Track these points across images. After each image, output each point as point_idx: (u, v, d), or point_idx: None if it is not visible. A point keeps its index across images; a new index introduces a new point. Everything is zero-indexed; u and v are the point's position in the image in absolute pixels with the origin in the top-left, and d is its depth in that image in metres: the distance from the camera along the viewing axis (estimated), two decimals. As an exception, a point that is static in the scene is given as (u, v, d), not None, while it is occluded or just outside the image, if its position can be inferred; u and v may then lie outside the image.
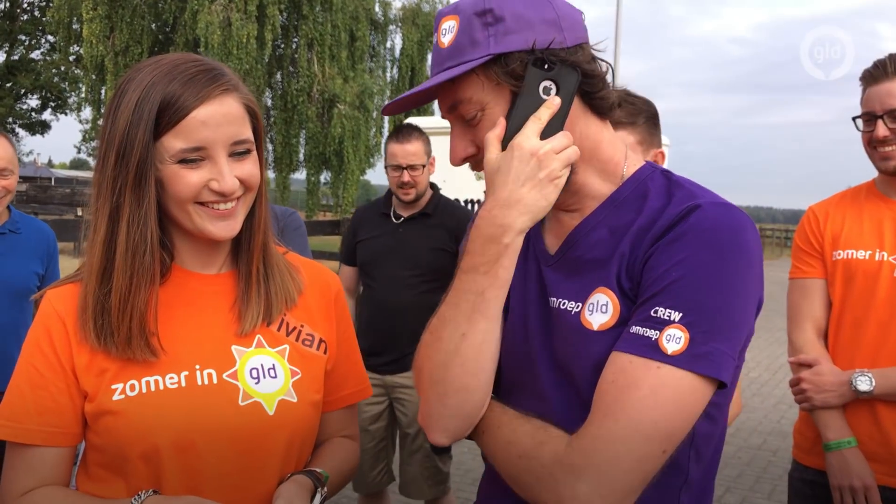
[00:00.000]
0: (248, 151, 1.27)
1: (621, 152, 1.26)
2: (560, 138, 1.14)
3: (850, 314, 2.21)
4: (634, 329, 1.08)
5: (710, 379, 1.06)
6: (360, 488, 3.61)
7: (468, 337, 1.15)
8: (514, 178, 1.12)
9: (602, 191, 1.24)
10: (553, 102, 1.13)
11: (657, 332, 1.06)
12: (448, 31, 1.17)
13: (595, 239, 1.21)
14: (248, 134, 1.27)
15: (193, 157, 1.21)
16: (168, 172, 1.21)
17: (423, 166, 3.40)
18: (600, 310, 1.15)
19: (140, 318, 1.23)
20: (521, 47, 1.13)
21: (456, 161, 1.24)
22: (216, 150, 1.22)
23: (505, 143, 1.15)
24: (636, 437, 1.03)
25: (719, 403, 1.17)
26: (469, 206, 6.56)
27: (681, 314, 1.05)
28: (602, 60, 1.20)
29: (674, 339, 1.04)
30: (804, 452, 2.33)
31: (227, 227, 1.27)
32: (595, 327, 1.15)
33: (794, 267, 2.40)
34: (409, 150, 3.34)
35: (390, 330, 3.41)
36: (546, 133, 1.13)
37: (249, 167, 1.27)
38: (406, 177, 3.35)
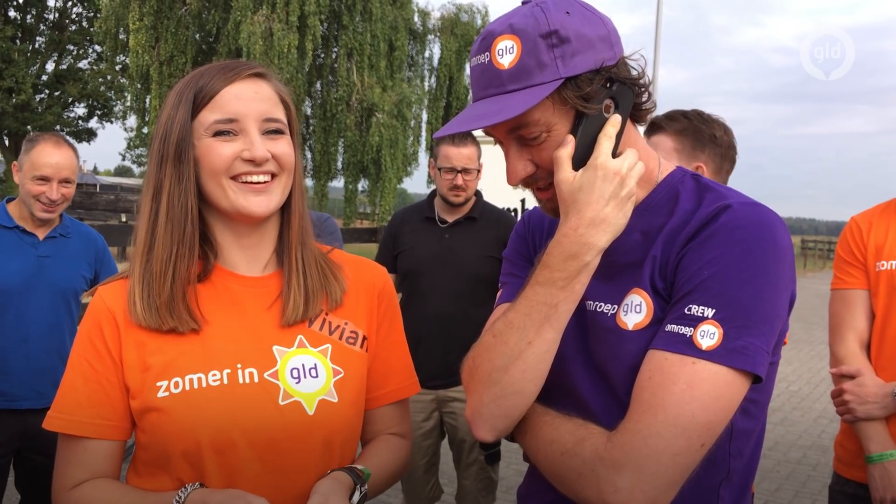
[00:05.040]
0: (280, 132, 1.32)
1: (655, 159, 1.29)
2: (632, 155, 1.17)
3: (893, 325, 2.18)
4: (669, 327, 1.10)
5: (745, 373, 1.08)
6: (414, 500, 3.56)
7: (534, 345, 1.17)
8: (599, 197, 1.14)
9: (637, 196, 1.25)
10: (616, 120, 1.16)
11: (691, 328, 1.08)
12: (507, 52, 1.14)
13: (629, 243, 1.22)
14: (280, 115, 1.32)
15: (226, 129, 1.27)
16: (203, 146, 1.27)
17: (477, 171, 3.35)
18: (634, 310, 1.18)
19: (181, 284, 1.28)
20: (589, 68, 1.13)
21: (514, 181, 1.23)
22: (248, 122, 1.28)
23: (576, 160, 1.16)
24: (674, 432, 1.04)
25: (757, 400, 1.19)
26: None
27: (714, 310, 1.07)
28: (635, 69, 1.21)
29: (708, 335, 1.07)
30: (846, 465, 2.30)
31: (261, 203, 1.29)
32: (630, 327, 1.17)
33: (837, 277, 2.37)
34: (464, 154, 3.28)
35: (439, 342, 3.28)
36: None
37: (283, 146, 1.31)
38: (460, 180, 3.29)
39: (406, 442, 1.52)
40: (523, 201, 8.42)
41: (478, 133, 3.62)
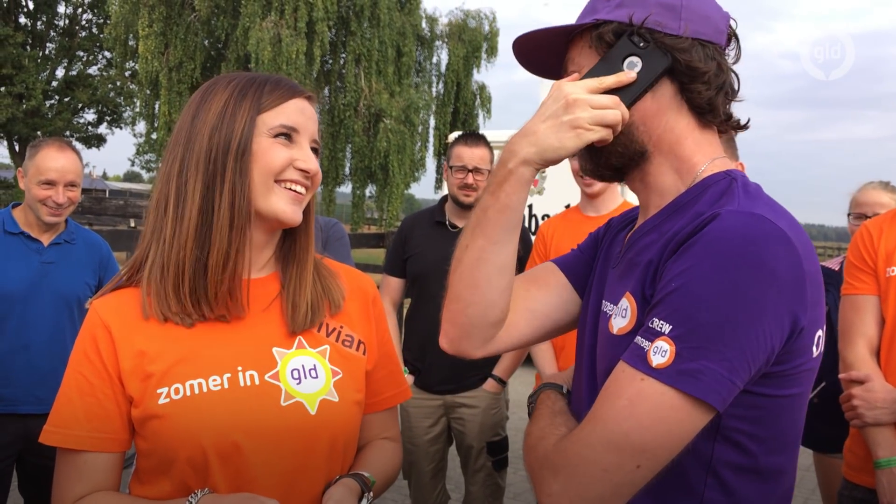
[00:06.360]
0: (317, 152, 1.38)
1: (705, 156, 1.20)
2: (606, 98, 1.13)
3: (902, 331, 2.17)
4: (637, 339, 1.04)
5: (699, 399, 0.98)
6: None
7: (469, 250, 1.23)
8: (540, 113, 1.16)
9: (672, 190, 1.20)
10: (626, 76, 1.13)
11: (649, 343, 1.01)
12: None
13: (646, 242, 1.17)
14: (318, 137, 1.39)
15: (288, 133, 1.32)
16: (263, 144, 1.30)
17: (488, 172, 3.34)
18: (622, 314, 1.14)
19: (239, 273, 1.30)
20: (622, 19, 1.15)
21: None
22: (303, 137, 1.34)
23: None
24: (606, 447, 1.00)
25: (754, 434, 1.08)
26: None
27: (671, 326, 0.99)
28: (732, 71, 1.21)
29: (660, 352, 0.99)
30: (854, 470, 2.29)
31: (297, 212, 1.34)
32: (615, 331, 1.14)
33: (847, 283, 2.37)
34: (476, 154, 3.32)
35: None
36: None
37: (318, 165, 1.37)
38: (470, 179, 3.30)
39: (398, 445, 1.56)
40: (530, 207, 8.42)
41: (492, 138, 3.62)
